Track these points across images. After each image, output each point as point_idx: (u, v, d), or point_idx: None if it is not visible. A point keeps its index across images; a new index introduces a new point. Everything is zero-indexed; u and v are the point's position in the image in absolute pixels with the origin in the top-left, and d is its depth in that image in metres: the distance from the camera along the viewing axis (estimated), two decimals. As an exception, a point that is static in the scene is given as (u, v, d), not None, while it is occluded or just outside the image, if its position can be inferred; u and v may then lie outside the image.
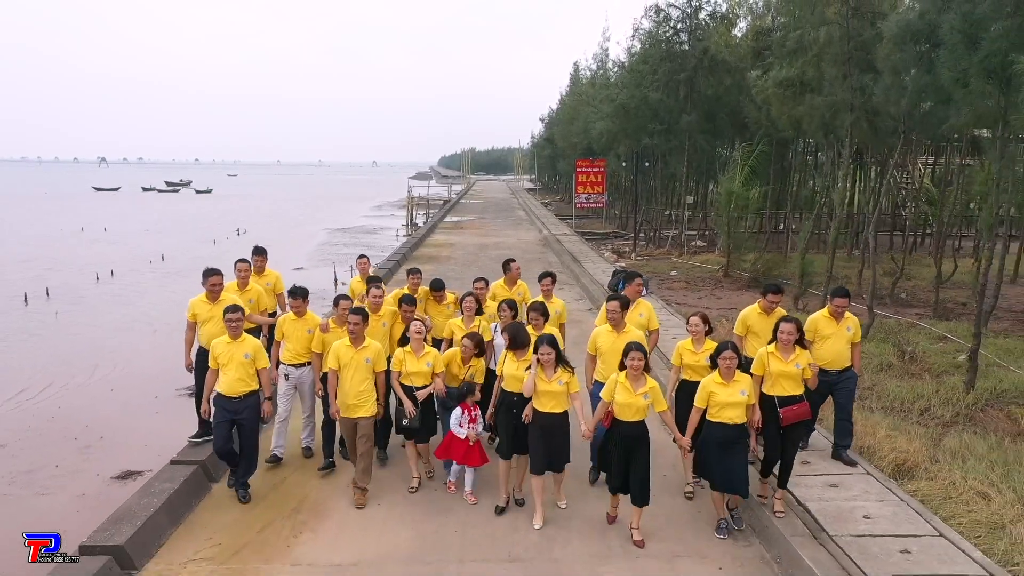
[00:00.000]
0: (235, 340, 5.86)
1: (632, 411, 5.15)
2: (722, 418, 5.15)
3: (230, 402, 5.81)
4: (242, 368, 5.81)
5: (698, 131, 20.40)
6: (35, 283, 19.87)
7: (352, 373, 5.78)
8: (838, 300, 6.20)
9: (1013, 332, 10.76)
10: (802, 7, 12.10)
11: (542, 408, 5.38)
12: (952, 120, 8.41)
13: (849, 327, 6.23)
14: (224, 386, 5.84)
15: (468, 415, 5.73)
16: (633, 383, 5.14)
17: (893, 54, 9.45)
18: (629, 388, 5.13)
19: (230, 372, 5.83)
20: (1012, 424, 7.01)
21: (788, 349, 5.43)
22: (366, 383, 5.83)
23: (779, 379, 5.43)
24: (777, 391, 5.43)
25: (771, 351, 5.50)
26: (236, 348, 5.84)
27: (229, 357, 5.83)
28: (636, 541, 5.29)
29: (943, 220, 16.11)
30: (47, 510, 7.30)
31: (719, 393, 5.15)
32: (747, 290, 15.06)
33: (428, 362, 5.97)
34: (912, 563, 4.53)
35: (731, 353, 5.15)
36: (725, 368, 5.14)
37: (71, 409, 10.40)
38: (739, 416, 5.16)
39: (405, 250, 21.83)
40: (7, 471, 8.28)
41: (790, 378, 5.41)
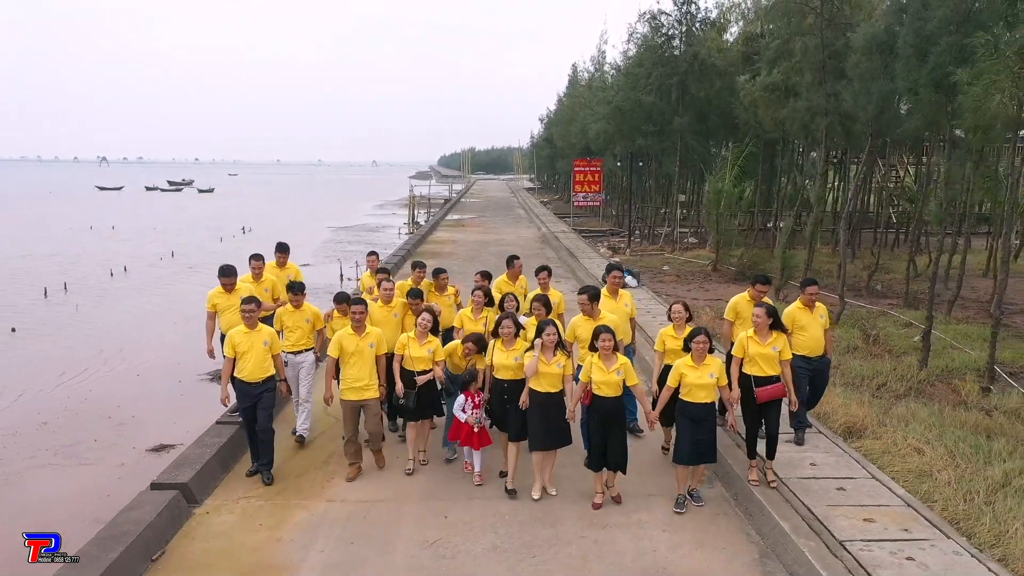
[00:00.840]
0: (252, 330, 6.14)
1: (608, 387, 5.53)
2: (693, 398, 5.55)
3: (250, 387, 6.11)
4: (261, 355, 6.11)
5: (690, 132, 21.23)
6: (52, 278, 20.72)
7: (358, 359, 6.09)
8: (809, 289, 6.68)
9: (975, 320, 11.62)
10: (782, 18, 12.93)
11: (540, 388, 5.69)
12: (905, 125, 9.26)
13: (821, 315, 6.69)
14: (245, 373, 6.10)
15: (471, 401, 5.98)
16: (605, 362, 5.53)
17: (861, 63, 10.30)
18: (602, 367, 5.53)
19: (250, 360, 6.09)
20: (955, 395, 7.89)
21: (765, 332, 5.81)
22: (371, 367, 6.16)
23: (757, 360, 5.80)
24: (755, 371, 5.81)
25: (750, 335, 5.89)
26: (254, 337, 6.12)
27: (248, 345, 6.10)
28: (614, 497, 5.84)
29: (920, 217, 16.92)
30: (92, 477, 8.17)
31: (690, 375, 5.52)
32: (734, 283, 15.92)
33: (429, 349, 6.28)
34: (844, 497, 5.42)
35: (703, 338, 5.52)
36: (697, 352, 5.51)
37: (102, 393, 11.22)
38: (708, 396, 5.55)
39: (409, 246, 22.70)
40: (52, 444, 9.12)
41: (767, 359, 5.78)
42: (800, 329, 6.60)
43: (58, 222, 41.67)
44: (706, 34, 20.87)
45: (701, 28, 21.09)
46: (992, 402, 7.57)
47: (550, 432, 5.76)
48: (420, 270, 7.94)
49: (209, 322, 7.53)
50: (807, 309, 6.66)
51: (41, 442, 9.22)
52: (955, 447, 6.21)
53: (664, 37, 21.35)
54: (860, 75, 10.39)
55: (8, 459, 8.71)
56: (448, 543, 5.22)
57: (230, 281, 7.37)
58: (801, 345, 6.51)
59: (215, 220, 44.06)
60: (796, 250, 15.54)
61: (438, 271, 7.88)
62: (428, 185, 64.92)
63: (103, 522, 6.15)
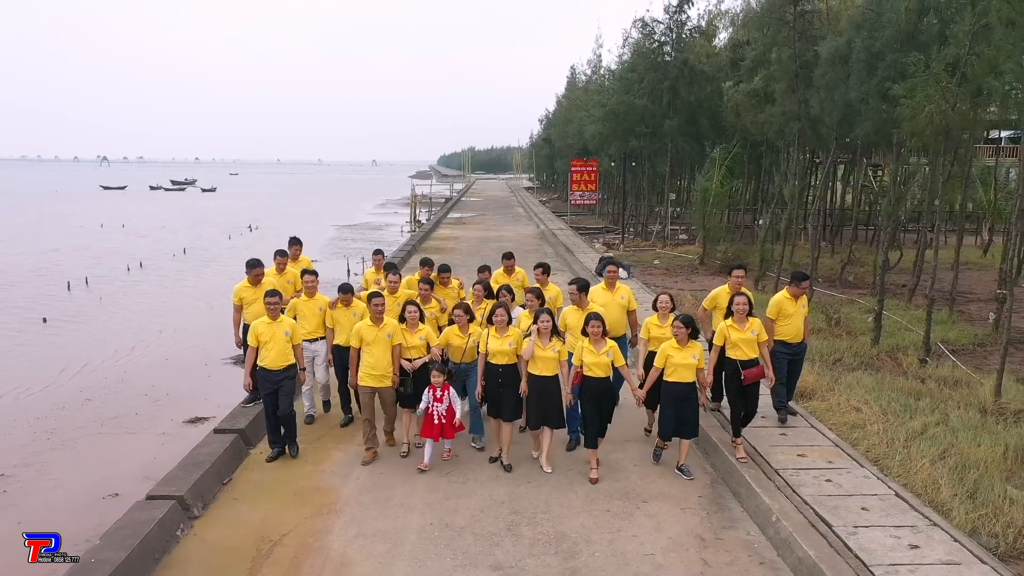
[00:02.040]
0: (274, 321, 6.54)
1: (598, 368, 6.07)
2: (676, 377, 6.07)
3: (272, 374, 6.49)
4: (282, 345, 6.50)
5: (680, 134, 22.35)
6: (73, 273, 21.84)
7: (376, 348, 6.47)
8: (803, 284, 7.17)
9: (923, 304, 12.78)
10: (759, 29, 14.04)
11: (537, 372, 6.15)
12: (857, 130, 10.38)
13: (803, 305, 7.16)
14: (267, 361, 6.48)
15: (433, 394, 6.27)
16: (595, 345, 6.07)
17: (827, 73, 11.42)
18: (593, 350, 6.08)
19: (272, 349, 6.47)
20: (897, 367, 9.02)
21: (743, 320, 6.35)
22: (388, 356, 6.54)
23: (739, 345, 6.31)
24: (739, 355, 6.32)
25: (730, 324, 6.38)
26: (277, 328, 6.51)
27: (271, 335, 6.48)
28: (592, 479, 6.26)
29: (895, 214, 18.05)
30: (138, 443, 9.22)
31: (674, 356, 6.06)
32: (718, 275, 17.04)
33: (421, 337, 6.70)
34: (784, 439, 6.56)
35: (681, 324, 6.07)
36: (680, 335, 6.04)
37: (136, 374, 12.28)
38: (690, 376, 6.09)
39: (414, 243, 23.82)
40: (99, 417, 10.18)
41: (748, 344, 6.30)
42: (785, 318, 7.04)
43: (70, 220, 42.78)
44: (695, 41, 21.94)
45: (690, 35, 22.17)
46: (927, 372, 8.72)
47: (548, 414, 6.26)
48: (427, 267, 8.49)
49: (236, 314, 7.86)
50: (793, 300, 7.08)
51: (88, 415, 10.27)
52: (887, 406, 7.33)
53: (656, 44, 22.46)
54: (825, 84, 11.51)
55: (60, 429, 9.76)
56: (460, 474, 6.40)
57: (257, 273, 7.72)
58: (784, 332, 7.01)
59: (221, 218, 45.08)
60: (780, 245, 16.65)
61: (443, 268, 8.42)
62: (429, 184, 65.99)
63: (153, 478, 7.29)
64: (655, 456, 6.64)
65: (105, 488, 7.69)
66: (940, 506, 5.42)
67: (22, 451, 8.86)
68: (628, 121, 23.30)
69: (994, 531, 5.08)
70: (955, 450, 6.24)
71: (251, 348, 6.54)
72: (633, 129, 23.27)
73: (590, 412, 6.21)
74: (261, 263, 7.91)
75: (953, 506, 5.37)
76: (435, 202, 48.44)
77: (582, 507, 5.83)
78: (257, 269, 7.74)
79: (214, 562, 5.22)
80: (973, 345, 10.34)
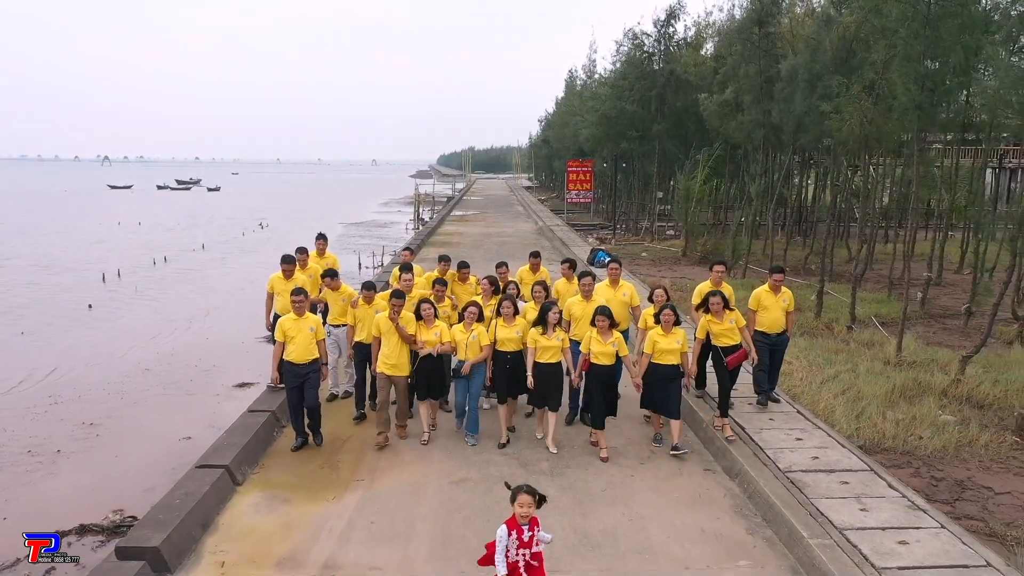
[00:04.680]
0: (300, 317, 6.80)
1: (604, 356, 6.62)
2: (662, 360, 6.66)
3: (297, 368, 6.74)
4: (307, 340, 6.75)
5: (667, 138, 24.20)
6: (105, 266, 23.74)
7: (393, 339, 6.88)
8: (776, 276, 7.61)
9: (876, 290, 14.71)
10: (730, 46, 15.91)
11: (543, 360, 6.71)
12: (802, 139, 12.25)
13: (784, 299, 7.58)
14: (293, 355, 6.72)
15: (519, 537, 4.07)
16: (603, 336, 6.62)
17: (784, 88, 13.27)
18: (600, 340, 6.61)
19: (298, 344, 6.71)
20: (830, 332, 10.91)
21: (720, 313, 7.02)
22: (403, 347, 6.91)
23: (720, 335, 7.06)
24: (722, 343, 7.06)
25: (709, 318, 7.05)
26: (302, 324, 6.78)
27: (297, 331, 6.74)
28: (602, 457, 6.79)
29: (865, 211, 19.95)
30: (199, 402, 11.02)
31: (660, 342, 6.63)
32: (698, 265, 18.95)
33: (436, 332, 6.97)
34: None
35: (669, 312, 6.71)
36: (665, 323, 6.67)
37: (182, 350, 14.03)
38: (674, 359, 6.67)
39: (422, 238, 25.67)
40: (159, 382, 11.97)
41: (729, 332, 7.05)
42: (763, 309, 7.58)
43: (87, 218, 44.64)
44: (681, 53, 23.76)
45: (677, 48, 24.00)
46: (852, 336, 10.62)
47: (549, 396, 6.85)
48: (445, 263, 8.79)
49: (268, 301, 8.43)
50: (772, 292, 7.60)
51: (150, 381, 12.08)
52: (812, 360, 9.21)
53: (645, 55, 24.30)
54: (784, 97, 13.38)
55: (130, 391, 11.58)
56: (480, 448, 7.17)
57: (290, 268, 8.23)
58: (762, 322, 7.56)
59: (231, 216, 46.85)
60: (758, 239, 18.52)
61: (461, 265, 8.69)
62: (432, 184, 67.72)
63: (218, 427, 9.09)
64: (656, 439, 7.20)
65: (180, 433, 9.52)
66: (832, 422, 7.31)
67: (103, 407, 10.68)
68: (620, 125, 25.14)
69: (867, 436, 6.98)
70: (855, 388, 8.12)
71: (278, 343, 6.84)
72: (624, 133, 25.11)
73: (596, 396, 6.77)
74: (294, 260, 8.43)
75: (840, 421, 7.25)
76: (437, 201, 50.20)
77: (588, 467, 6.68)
78: (288, 265, 8.27)
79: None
80: (899, 318, 12.23)
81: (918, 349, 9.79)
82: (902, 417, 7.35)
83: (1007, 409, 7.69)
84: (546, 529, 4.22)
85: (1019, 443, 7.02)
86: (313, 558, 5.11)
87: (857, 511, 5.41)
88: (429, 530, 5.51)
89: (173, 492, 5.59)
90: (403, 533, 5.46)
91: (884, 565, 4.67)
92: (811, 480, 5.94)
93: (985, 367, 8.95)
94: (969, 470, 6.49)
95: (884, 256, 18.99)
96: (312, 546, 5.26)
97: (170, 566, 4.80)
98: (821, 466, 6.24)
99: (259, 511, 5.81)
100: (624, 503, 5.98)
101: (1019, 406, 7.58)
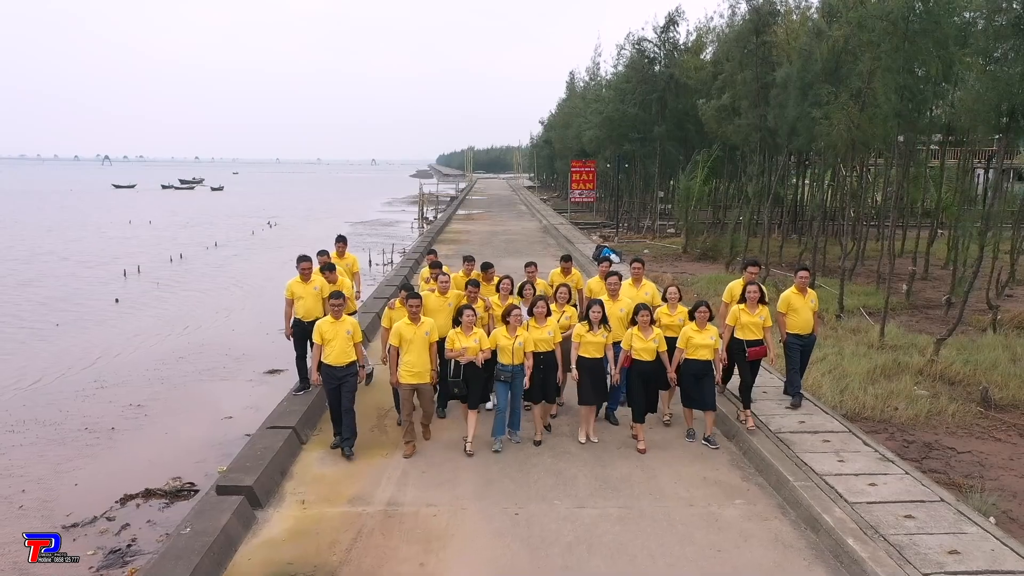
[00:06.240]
0: (337, 320, 6.77)
1: (646, 352, 6.85)
2: (696, 356, 6.83)
3: (335, 371, 6.74)
4: (345, 343, 6.74)
5: (668, 139, 25.12)
6: (125, 262, 24.65)
7: (414, 347, 6.73)
8: (801, 273, 7.70)
9: (866, 284, 15.69)
10: (728, 54, 16.84)
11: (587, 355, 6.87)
12: (796, 142, 13.19)
13: (812, 300, 7.70)
14: (331, 358, 6.72)
15: None
16: (644, 332, 6.84)
17: (780, 95, 14.20)
18: (642, 336, 6.84)
19: (335, 346, 6.69)
20: (820, 321, 11.76)
21: (754, 305, 7.22)
22: (425, 354, 6.80)
23: (747, 327, 7.22)
24: (746, 336, 7.22)
25: (742, 308, 7.24)
26: (339, 327, 6.75)
27: (334, 334, 6.71)
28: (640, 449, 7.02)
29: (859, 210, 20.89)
30: (235, 386, 11.85)
31: (695, 337, 6.80)
32: (698, 262, 19.89)
33: (475, 339, 6.84)
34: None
35: (705, 309, 6.85)
36: (700, 319, 6.84)
37: (211, 341, 14.87)
38: (708, 354, 6.84)
39: (431, 236, 26.56)
40: (195, 369, 12.83)
41: (755, 326, 7.23)
42: (793, 311, 7.67)
43: (97, 217, 45.50)
44: (682, 57, 24.67)
45: (678, 53, 24.92)
46: (840, 324, 11.55)
47: (596, 390, 7.02)
48: (470, 263, 8.72)
49: (287, 308, 8.22)
50: (800, 294, 7.68)
51: (186, 368, 12.94)
52: (803, 344, 10.12)
53: (647, 60, 25.23)
54: (778, 103, 14.31)
55: (169, 377, 12.46)
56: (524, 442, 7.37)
57: (305, 268, 8.06)
58: (794, 324, 7.64)
59: (238, 216, 47.70)
60: (755, 237, 19.42)
61: (485, 265, 8.62)
62: (436, 184, 68.54)
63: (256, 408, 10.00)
64: (689, 435, 7.34)
65: (221, 413, 10.39)
66: (819, 396, 8.24)
67: (147, 391, 11.56)
68: (622, 127, 26.07)
69: (849, 407, 7.94)
70: (840, 368, 9.06)
71: (316, 346, 6.81)
72: (627, 134, 26.04)
73: (637, 390, 6.99)
74: (310, 258, 8.27)
75: (826, 394, 8.21)
76: (441, 200, 51.06)
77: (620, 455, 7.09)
78: (305, 264, 8.09)
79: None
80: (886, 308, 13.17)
81: (900, 335, 10.76)
82: (881, 392, 8.30)
83: (975, 385, 8.63)
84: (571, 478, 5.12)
85: (982, 412, 7.97)
86: (378, 497, 6.06)
87: (835, 462, 6.36)
88: (472, 477, 6.47)
89: (251, 447, 6.50)
90: (450, 480, 6.41)
91: (856, 500, 5.63)
92: (797, 439, 6.90)
93: (959, 350, 9.90)
94: (937, 435, 7.42)
95: (874, 253, 19.98)
96: (375, 489, 6.21)
97: (261, 502, 5.73)
98: (807, 428, 7.20)
99: (324, 464, 6.75)
100: (636, 458, 6.94)
101: (985, 382, 8.51)
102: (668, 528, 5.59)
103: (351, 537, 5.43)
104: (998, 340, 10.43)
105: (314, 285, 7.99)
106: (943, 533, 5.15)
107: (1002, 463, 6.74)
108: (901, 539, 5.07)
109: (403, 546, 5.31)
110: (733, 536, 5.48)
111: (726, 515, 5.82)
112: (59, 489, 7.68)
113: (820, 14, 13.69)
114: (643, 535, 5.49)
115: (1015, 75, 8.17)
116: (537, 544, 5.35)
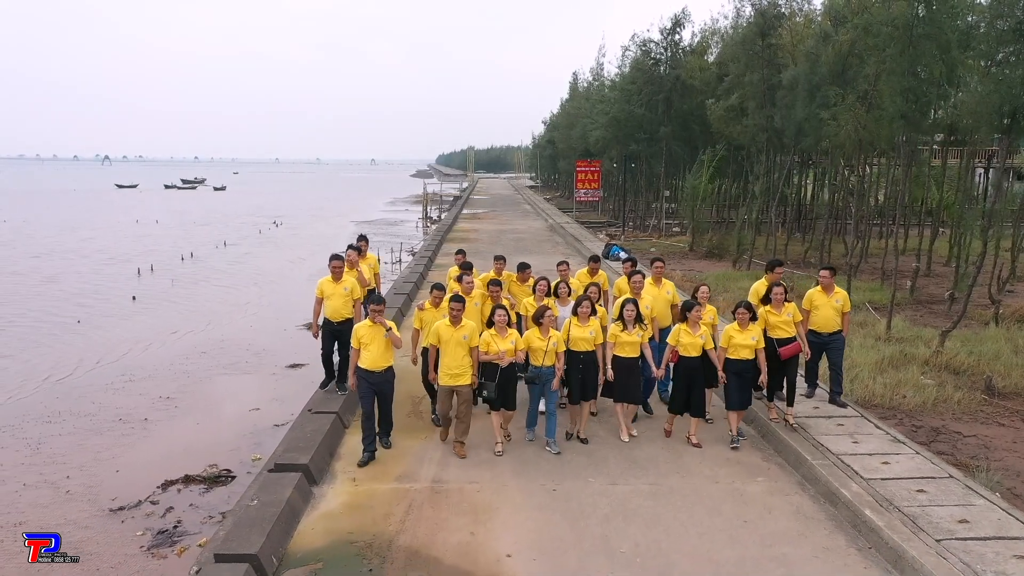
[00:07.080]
0: (375, 324, 6.63)
1: (693, 348, 6.93)
2: (738, 355, 6.91)
3: (372, 375, 6.67)
4: (382, 346, 6.65)
5: (673, 139, 25.51)
6: (138, 260, 25.01)
7: (453, 348, 6.60)
8: (822, 273, 7.93)
9: (871, 280, 16.12)
10: (735, 56, 17.24)
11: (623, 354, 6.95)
12: (803, 142, 13.60)
13: (838, 300, 7.80)
14: (368, 362, 6.64)
15: None
16: (693, 328, 6.95)
17: (786, 96, 14.61)
18: (690, 332, 6.93)
19: (373, 350, 6.62)
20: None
21: (780, 305, 7.34)
22: (465, 357, 6.65)
23: (776, 327, 7.33)
24: (777, 334, 7.33)
25: (769, 309, 7.38)
26: (377, 330, 6.63)
27: (372, 338, 6.63)
28: (695, 444, 7.12)
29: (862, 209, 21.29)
30: (258, 380, 12.20)
31: (736, 337, 6.90)
32: (704, 259, 20.29)
33: (512, 341, 6.76)
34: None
35: (744, 310, 6.96)
36: (740, 319, 6.93)
37: (231, 337, 15.18)
38: (749, 354, 6.92)
39: (440, 235, 26.95)
40: (217, 364, 13.15)
41: (785, 324, 7.35)
42: (815, 308, 7.85)
43: (104, 216, 45.83)
44: (687, 59, 25.07)
45: (683, 54, 25.31)
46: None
47: (631, 388, 7.12)
48: (500, 262, 8.90)
49: (317, 306, 8.23)
50: (824, 292, 7.86)
51: (209, 363, 13.28)
52: (813, 337, 10.52)
53: (652, 61, 25.63)
54: (785, 104, 14.72)
55: (193, 371, 12.80)
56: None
57: (336, 267, 8.06)
58: (813, 322, 7.81)
59: (244, 215, 48.00)
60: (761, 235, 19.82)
61: (522, 266, 8.76)
62: (439, 184, 68.89)
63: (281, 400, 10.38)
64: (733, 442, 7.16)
65: (248, 405, 10.75)
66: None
67: (175, 384, 11.91)
68: (628, 128, 26.47)
69: (859, 395, 8.35)
70: (850, 359, 9.44)
71: (354, 350, 6.75)
72: (633, 135, 26.44)
73: (680, 390, 7.08)
74: (342, 257, 8.29)
75: (837, 382, 8.62)
76: (444, 199, 51.39)
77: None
78: (336, 262, 8.10)
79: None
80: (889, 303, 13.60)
81: (905, 328, 11.18)
82: (889, 381, 8.71)
83: (979, 374, 9.05)
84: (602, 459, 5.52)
85: (986, 400, 8.38)
86: (423, 476, 6.49)
87: (850, 443, 6.78)
88: (510, 458, 6.89)
89: (300, 429, 6.91)
90: (489, 460, 6.83)
91: (871, 477, 6.05)
92: (813, 423, 7.32)
93: (963, 342, 10.32)
94: (944, 420, 7.84)
95: (878, 251, 20.41)
96: (419, 468, 6.63)
97: (316, 479, 6.14)
98: (821, 414, 7.62)
99: (369, 446, 7.07)
100: (663, 441, 7.38)
101: (988, 371, 8.92)
102: (697, 502, 6.02)
103: (403, 510, 5.84)
104: (1000, 333, 10.86)
105: (344, 285, 8.06)
106: (953, 505, 5.57)
107: (1006, 446, 7.15)
108: (914, 510, 5.48)
109: (452, 517, 5.72)
110: (758, 509, 5.90)
111: (750, 490, 6.23)
112: (102, 475, 8.04)
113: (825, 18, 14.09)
114: (674, 507, 5.91)
115: (1016, 78, 8.59)
116: (576, 515, 5.76)
